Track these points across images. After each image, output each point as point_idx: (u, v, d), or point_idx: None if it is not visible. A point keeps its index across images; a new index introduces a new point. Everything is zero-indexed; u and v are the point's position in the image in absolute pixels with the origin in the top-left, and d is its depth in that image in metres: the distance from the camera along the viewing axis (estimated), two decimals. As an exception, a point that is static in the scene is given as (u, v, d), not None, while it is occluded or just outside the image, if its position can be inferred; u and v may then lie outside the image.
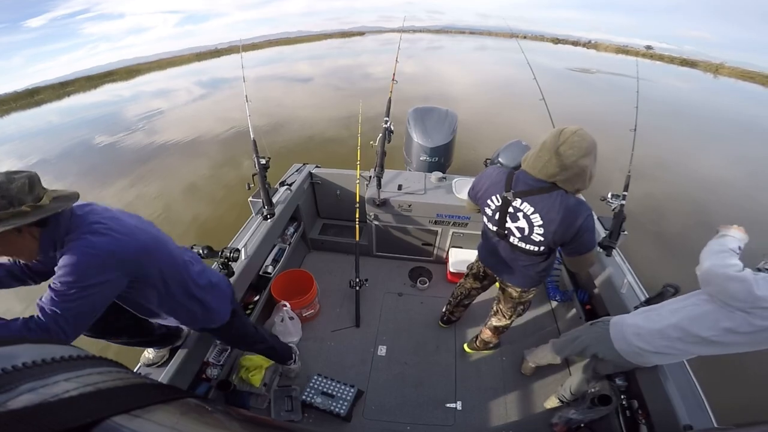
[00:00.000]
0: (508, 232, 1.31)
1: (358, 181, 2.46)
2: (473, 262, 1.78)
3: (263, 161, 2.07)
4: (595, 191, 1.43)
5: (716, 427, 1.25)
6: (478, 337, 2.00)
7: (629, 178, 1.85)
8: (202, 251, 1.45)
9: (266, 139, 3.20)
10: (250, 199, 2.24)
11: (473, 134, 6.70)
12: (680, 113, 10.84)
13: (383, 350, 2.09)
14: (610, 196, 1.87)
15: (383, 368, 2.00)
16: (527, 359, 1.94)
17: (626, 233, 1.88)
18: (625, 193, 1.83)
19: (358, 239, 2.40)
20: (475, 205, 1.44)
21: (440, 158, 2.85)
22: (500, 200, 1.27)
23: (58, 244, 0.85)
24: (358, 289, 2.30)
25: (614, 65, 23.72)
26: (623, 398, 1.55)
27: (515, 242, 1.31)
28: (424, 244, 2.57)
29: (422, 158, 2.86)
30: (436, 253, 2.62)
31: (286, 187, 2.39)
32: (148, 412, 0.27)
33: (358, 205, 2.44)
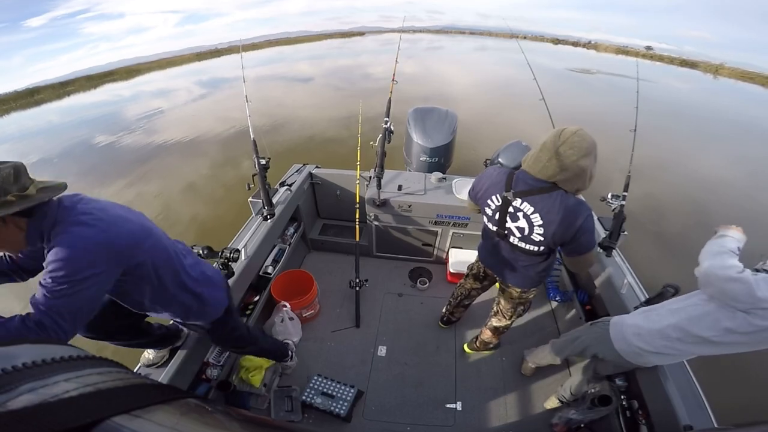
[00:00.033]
0: (508, 232, 1.31)
1: (358, 181, 2.46)
2: (473, 262, 1.77)
3: (263, 161, 2.07)
4: (595, 191, 1.43)
5: (716, 427, 1.25)
6: (478, 337, 2.00)
7: (629, 178, 1.85)
8: (202, 251, 1.45)
9: (266, 139, 3.20)
10: (250, 199, 2.24)
11: (473, 134, 6.70)
12: (680, 114, 10.85)
13: (383, 351, 2.09)
14: (610, 196, 1.88)
15: (383, 369, 2.00)
16: (527, 360, 1.94)
17: (626, 233, 1.88)
18: (625, 193, 1.83)
19: (358, 239, 2.40)
20: (475, 205, 1.44)
21: (440, 158, 2.85)
22: (500, 200, 1.27)
23: (45, 235, 0.83)
24: (358, 289, 2.29)
25: (614, 66, 23.74)
26: (623, 398, 1.55)
27: (515, 242, 1.31)
28: (424, 244, 2.57)
29: (422, 158, 2.86)
30: (436, 253, 2.62)
31: (286, 187, 2.39)
32: (148, 412, 0.27)
33: (358, 205, 2.44)
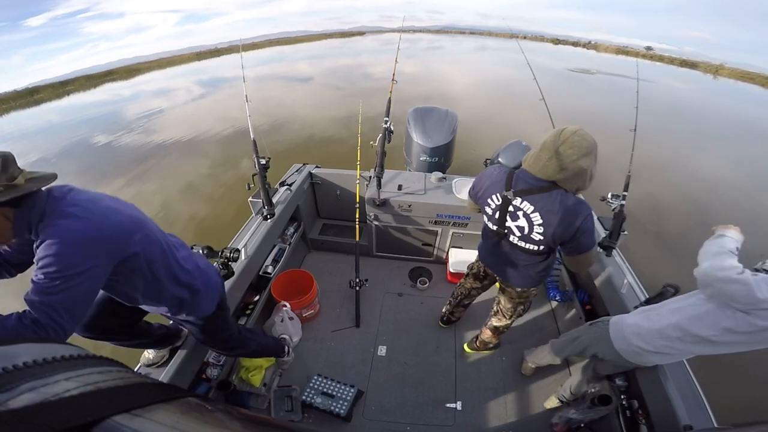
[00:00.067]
0: (508, 231, 1.31)
1: (358, 181, 2.46)
2: (473, 262, 1.78)
3: (263, 161, 2.07)
4: (595, 191, 1.43)
5: (716, 427, 1.24)
6: (478, 337, 2.00)
7: (629, 178, 1.85)
8: (202, 251, 1.44)
9: (266, 138, 3.20)
10: (250, 199, 2.24)
11: (473, 134, 6.70)
12: (680, 114, 10.86)
13: (383, 350, 2.09)
14: (610, 196, 1.88)
15: (383, 368, 2.00)
16: (527, 359, 1.94)
17: (626, 233, 1.89)
18: (625, 193, 1.83)
19: (358, 239, 2.40)
20: (475, 204, 1.44)
21: (440, 158, 2.85)
22: (500, 199, 1.27)
23: (33, 226, 0.82)
24: (358, 289, 2.29)
25: (614, 66, 23.75)
26: (623, 398, 1.55)
27: (515, 241, 1.32)
28: (424, 244, 2.57)
29: (422, 158, 2.86)
30: (436, 253, 2.62)
31: (286, 187, 2.39)
32: (148, 411, 0.27)
33: (358, 205, 2.44)
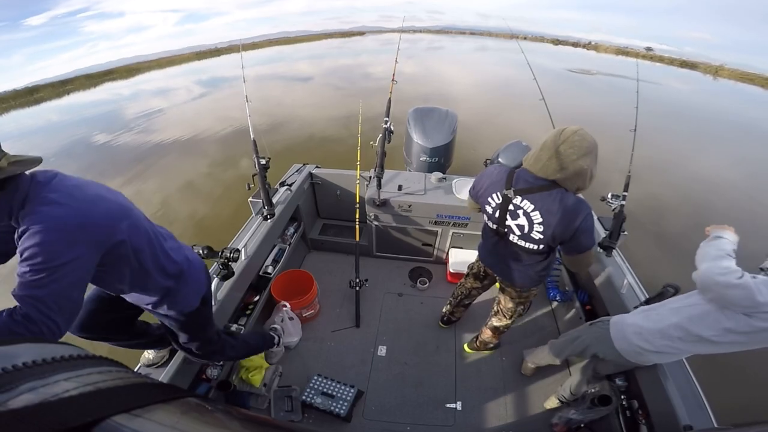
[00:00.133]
0: (508, 230, 1.31)
1: (358, 181, 2.46)
2: (473, 261, 1.78)
3: (263, 161, 2.07)
4: (595, 191, 1.43)
5: (716, 427, 1.25)
6: (478, 337, 2.00)
7: (629, 178, 1.85)
8: (202, 251, 1.44)
9: (266, 138, 3.20)
10: (250, 199, 2.24)
11: (473, 134, 6.70)
12: (680, 115, 10.87)
13: (383, 350, 2.09)
14: (610, 196, 1.88)
15: (383, 368, 2.00)
16: (527, 359, 1.94)
17: (626, 233, 1.89)
18: (625, 193, 1.83)
19: (358, 239, 2.40)
20: (476, 203, 1.44)
21: (440, 158, 2.85)
22: (501, 198, 1.27)
23: (14, 212, 0.79)
24: (358, 289, 2.29)
25: (614, 66, 23.78)
26: (623, 398, 1.55)
27: (515, 240, 1.32)
28: (424, 244, 2.57)
29: (422, 158, 2.86)
30: (436, 253, 2.62)
31: (286, 187, 2.39)
32: (148, 411, 0.27)
33: (358, 205, 2.44)
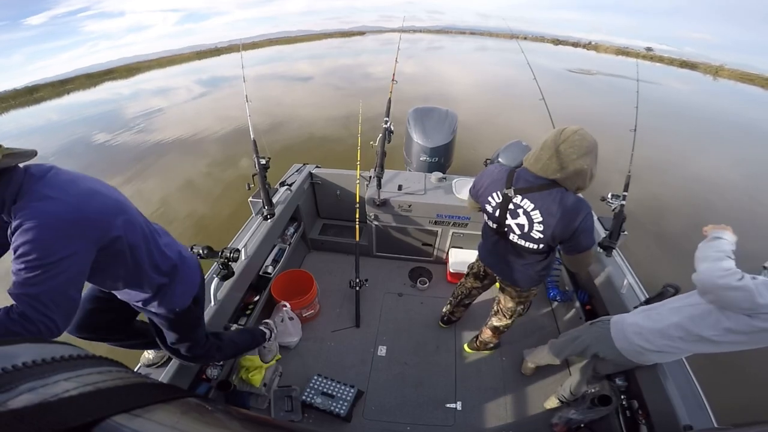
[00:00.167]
0: (507, 229, 1.31)
1: (358, 181, 2.46)
2: (473, 261, 1.78)
3: (263, 161, 2.07)
4: (595, 191, 1.43)
5: (716, 427, 1.25)
6: (478, 337, 2.00)
7: (629, 178, 1.85)
8: (202, 251, 1.44)
9: (266, 138, 3.21)
10: (250, 199, 2.24)
11: (473, 134, 6.70)
12: (680, 115, 10.87)
13: (383, 350, 2.09)
14: (610, 196, 1.88)
15: (383, 368, 2.00)
16: (527, 359, 1.94)
17: (626, 233, 1.89)
18: (625, 193, 1.83)
19: (358, 239, 2.40)
20: (476, 203, 1.44)
21: (440, 158, 2.85)
22: (501, 197, 1.27)
23: (7, 205, 0.78)
24: (358, 289, 2.29)
25: (614, 66, 23.79)
26: (623, 398, 1.55)
27: (515, 240, 1.32)
28: (424, 244, 2.57)
29: (422, 158, 2.86)
30: (436, 253, 2.62)
31: (286, 187, 2.39)
32: (148, 411, 0.27)
33: (358, 205, 2.44)
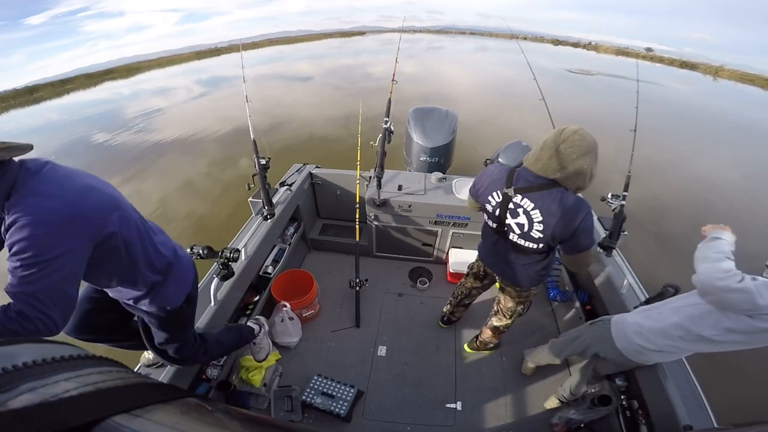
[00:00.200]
0: (507, 228, 1.32)
1: (358, 181, 2.46)
2: (473, 261, 1.78)
3: (263, 161, 2.07)
4: (595, 191, 1.43)
5: (716, 427, 1.25)
6: (478, 337, 2.00)
7: (629, 178, 1.85)
8: (202, 251, 1.44)
9: (265, 137, 3.21)
10: (250, 199, 2.24)
11: (473, 134, 6.70)
12: (680, 115, 10.87)
13: (383, 350, 2.09)
14: (610, 196, 1.88)
15: (383, 368, 2.00)
16: (527, 359, 1.94)
17: (626, 233, 1.89)
18: (625, 193, 1.83)
19: (358, 239, 2.40)
20: (476, 202, 1.44)
21: (440, 158, 2.85)
22: (501, 196, 1.27)
23: (1, 198, 0.78)
24: (358, 289, 2.29)
25: (614, 67, 23.79)
26: (623, 398, 1.55)
27: (515, 239, 1.32)
28: (424, 244, 2.57)
29: (422, 158, 2.86)
30: (436, 253, 2.62)
31: (286, 187, 2.39)
32: (148, 411, 0.27)
33: (358, 205, 2.44)
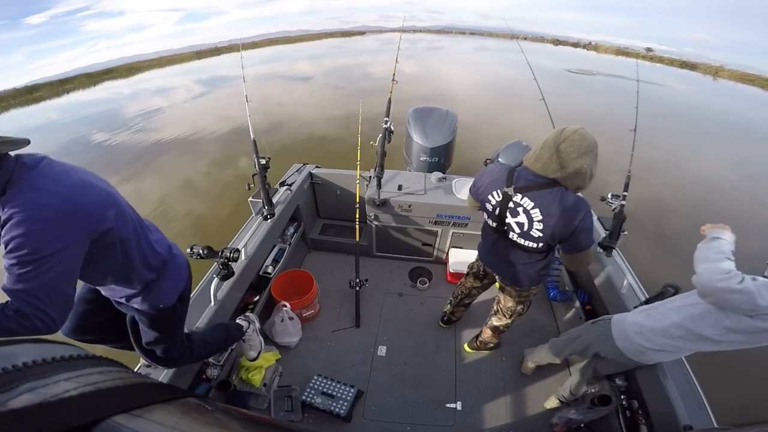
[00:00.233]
0: (507, 227, 1.32)
1: (358, 181, 2.46)
2: (473, 261, 1.78)
3: (263, 161, 2.07)
4: (595, 191, 1.43)
5: (716, 427, 1.25)
6: (478, 337, 2.00)
7: (629, 178, 1.85)
8: (202, 251, 1.44)
9: (265, 137, 3.21)
10: (250, 199, 2.23)
11: (473, 134, 6.70)
12: (680, 115, 10.86)
13: (383, 350, 2.09)
14: (610, 196, 1.88)
15: (383, 368, 2.00)
16: (527, 359, 1.94)
17: (626, 233, 1.89)
18: (625, 193, 1.83)
19: (358, 239, 2.40)
20: (476, 202, 1.44)
21: (440, 158, 2.85)
22: (501, 195, 1.28)
23: None
24: (358, 289, 2.29)
25: (614, 67, 23.76)
26: (623, 398, 1.55)
27: (514, 238, 1.32)
28: (424, 244, 2.57)
29: (422, 158, 2.86)
30: (436, 253, 2.62)
31: (286, 187, 2.39)
32: (148, 411, 0.27)
33: (358, 205, 2.44)
